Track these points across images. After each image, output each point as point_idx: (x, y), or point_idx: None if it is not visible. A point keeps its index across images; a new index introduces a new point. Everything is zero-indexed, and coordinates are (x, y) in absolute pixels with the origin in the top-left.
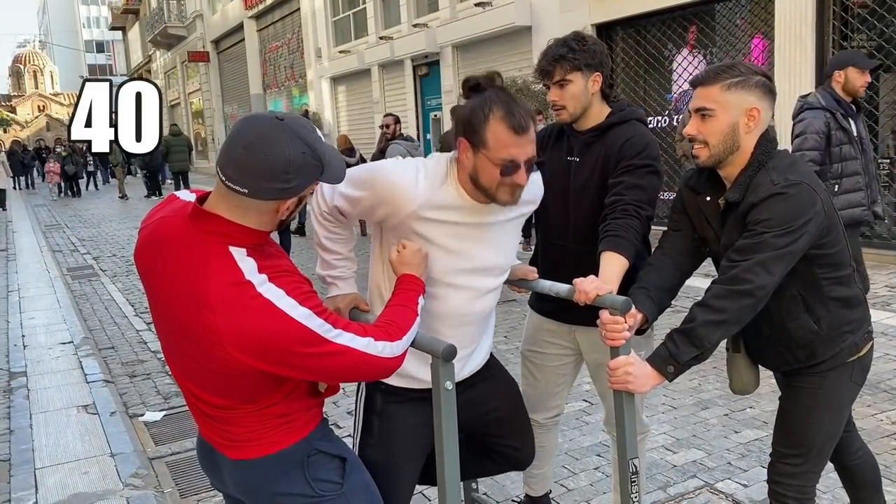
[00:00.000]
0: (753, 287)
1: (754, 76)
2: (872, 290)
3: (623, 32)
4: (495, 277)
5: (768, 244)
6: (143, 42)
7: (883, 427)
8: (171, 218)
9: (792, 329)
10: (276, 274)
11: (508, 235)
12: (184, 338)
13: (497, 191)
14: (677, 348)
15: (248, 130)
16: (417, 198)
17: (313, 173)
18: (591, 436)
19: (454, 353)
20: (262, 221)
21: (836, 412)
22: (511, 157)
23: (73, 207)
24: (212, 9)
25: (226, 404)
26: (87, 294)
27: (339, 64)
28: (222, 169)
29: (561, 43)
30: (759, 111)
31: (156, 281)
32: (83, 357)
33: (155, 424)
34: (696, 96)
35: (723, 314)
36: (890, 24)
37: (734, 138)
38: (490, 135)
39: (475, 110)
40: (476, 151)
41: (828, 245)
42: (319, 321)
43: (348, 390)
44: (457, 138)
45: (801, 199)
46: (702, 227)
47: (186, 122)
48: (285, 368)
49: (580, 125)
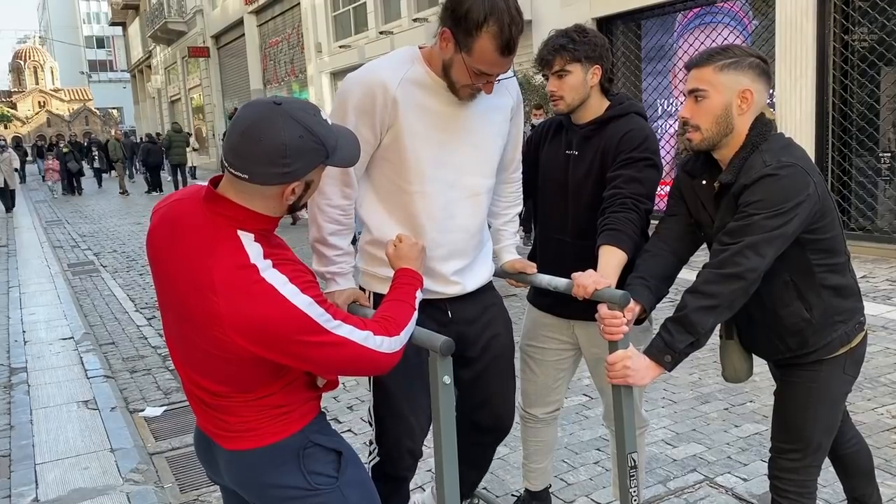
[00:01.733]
0: (743, 270)
1: (748, 57)
2: (873, 284)
3: (623, 26)
4: (479, 178)
5: (759, 226)
6: (144, 37)
7: (883, 421)
8: (186, 200)
9: (783, 316)
10: (281, 261)
11: (488, 131)
12: (186, 320)
13: (460, 89)
14: (672, 337)
15: (245, 116)
16: (393, 76)
17: (315, 157)
18: (590, 430)
19: (452, 348)
20: (269, 206)
21: (832, 405)
22: (486, 67)
23: (73, 203)
24: (212, 4)
25: (223, 391)
26: (88, 290)
27: (340, 59)
28: (225, 155)
29: (562, 34)
30: (753, 93)
31: (165, 261)
32: (83, 353)
33: (155, 420)
34: (691, 78)
35: (714, 299)
36: (891, 17)
37: (727, 120)
38: (477, 46)
39: (472, 10)
40: (457, 49)
41: (821, 230)
42: (320, 310)
43: (348, 385)
44: (441, 25)
45: (793, 180)
46: (697, 211)
47: (187, 117)
48: (283, 356)
49: (579, 118)
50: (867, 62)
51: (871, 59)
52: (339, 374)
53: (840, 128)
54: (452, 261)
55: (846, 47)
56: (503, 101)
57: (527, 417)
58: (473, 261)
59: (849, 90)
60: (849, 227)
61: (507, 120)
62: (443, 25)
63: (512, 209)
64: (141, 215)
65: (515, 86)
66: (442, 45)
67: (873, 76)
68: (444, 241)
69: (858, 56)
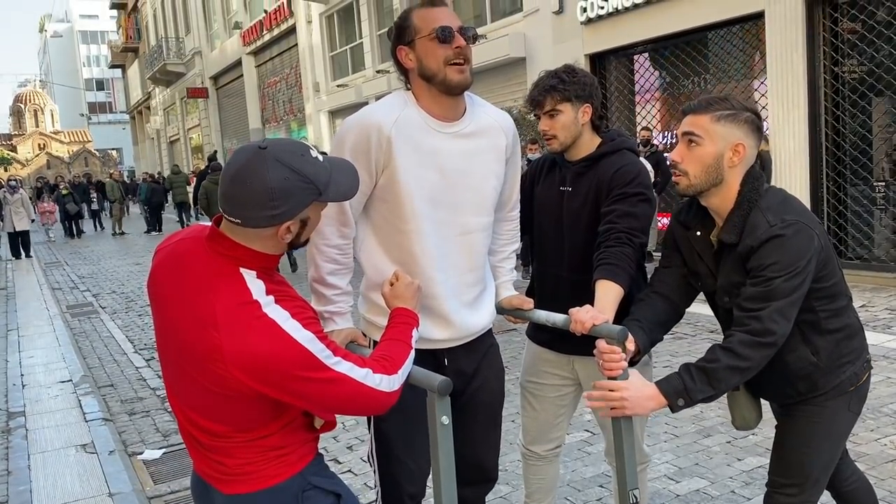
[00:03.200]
0: (778, 337)
1: (744, 112)
2: (872, 313)
3: (616, 61)
4: (474, 216)
5: (781, 289)
6: (143, 79)
7: (887, 452)
8: (189, 239)
9: (790, 361)
10: (283, 297)
11: (482, 170)
12: (187, 357)
13: (446, 72)
14: (694, 384)
15: (233, 163)
16: (388, 119)
17: (305, 196)
18: (593, 466)
19: (450, 388)
20: (268, 246)
21: (834, 441)
22: (440, 23)
23: (72, 245)
24: (210, 45)
25: (222, 431)
26: (87, 331)
27: (338, 98)
28: (219, 202)
29: (552, 74)
30: (745, 147)
31: (167, 298)
32: (82, 395)
33: (154, 462)
34: (686, 122)
35: (747, 362)
36: (880, 49)
37: (717, 170)
38: (416, 19)
39: (399, 20)
40: (412, 45)
41: (825, 278)
42: (321, 346)
43: (347, 424)
44: (395, 56)
45: (801, 237)
46: (693, 262)
47: (186, 157)
48: (283, 392)
49: (572, 155)
50: (857, 93)
51: (862, 89)
52: (338, 412)
53: (834, 158)
54: (451, 300)
55: (836, 79)
56: (498, 142)
57: (528, 455)
58: (474, 302)
59: (841, 120)
60: (846, 256)
61: (501, 160)
62: (395, 55)
63: (509, 246)
64: (140, 256)
65: (511, 126)
66: (406, 63)
67: (864, 106)
68: (441, 279)
69: (849, 87)
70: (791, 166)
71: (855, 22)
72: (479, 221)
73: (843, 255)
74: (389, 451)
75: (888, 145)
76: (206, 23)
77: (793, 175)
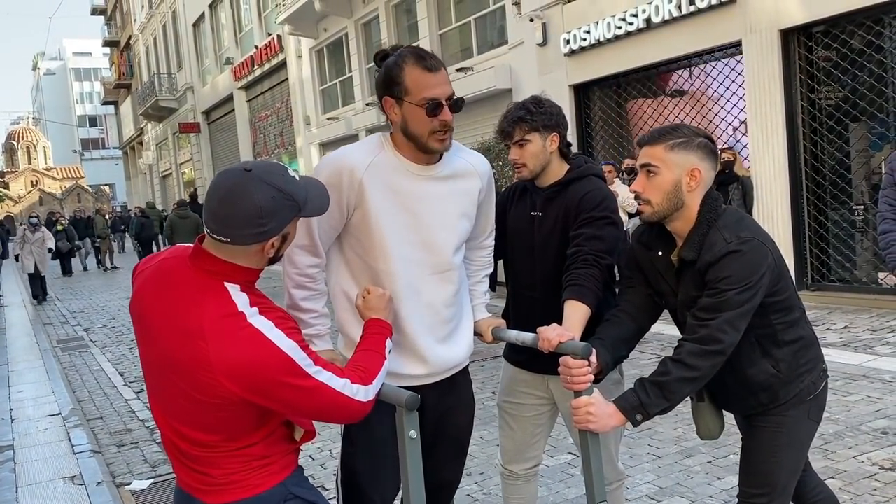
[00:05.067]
0: (725, 346)
1: (696, 138)
2: (854, 334)
3: (600, 91)
4: (444, 256)
5: (732, 301)
6: (135, 115)
7: (864, 468)
8: (172, 259)
9: (752, 374)
10: (266, 309)
11: (454, 211)
12: (173, 368)
13: (428, 139)
14: (649, 399)
15: (219, 184)
16: (362, 162)
17: (289, 213)
18: (575, 488)
19: (417, 403)
20: (252, 261)
21: (797, 449)
22: (432, 95)
23: (63, 279)
24: (202, 81)
25: (208, 441)
26: (77, 365)
27: (328, 130)
28: (206, 223)
29: (520, 106)
30: (701, 171)
31: (151, 315)
32: (71, 428)
33: (142, 493)
34: (642, 154)
35: (697, 371)
36: (855, 77)
37: (677, 196)
38: (408, 80)
39: (390, 67)
40: (400, 103)
41: (778, 293)
42: (303, 355)
43: (334, 452)
44: (381, 101)
45: (755, 254)
46: (657, 281)
47: (178, 191)
48: (269, 399)
49: (541, 182)
50: (834, 119)
51: (838, 115)
52: (317, 418)
53: (813, 182)
54: (424, 337)
55: (813, 105)
56: (472, 185)
57: (506, 474)
58: (448, 337)
59: (819, 146)
60: (829, 279)
61: (474, 203)
62: (381, 99)
63: (482, 271)
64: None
65: (487, 169)
66: (391, 114)
67: (841, 132)
68: (415, 318)
69: (825, 113)
70: (772, 191)
71: (829, 50)
72: (449, 260)
73: (826, 278)
74: (355, 483)
75: (866, 169)
76: (197, 59)
77: (774, 200)
